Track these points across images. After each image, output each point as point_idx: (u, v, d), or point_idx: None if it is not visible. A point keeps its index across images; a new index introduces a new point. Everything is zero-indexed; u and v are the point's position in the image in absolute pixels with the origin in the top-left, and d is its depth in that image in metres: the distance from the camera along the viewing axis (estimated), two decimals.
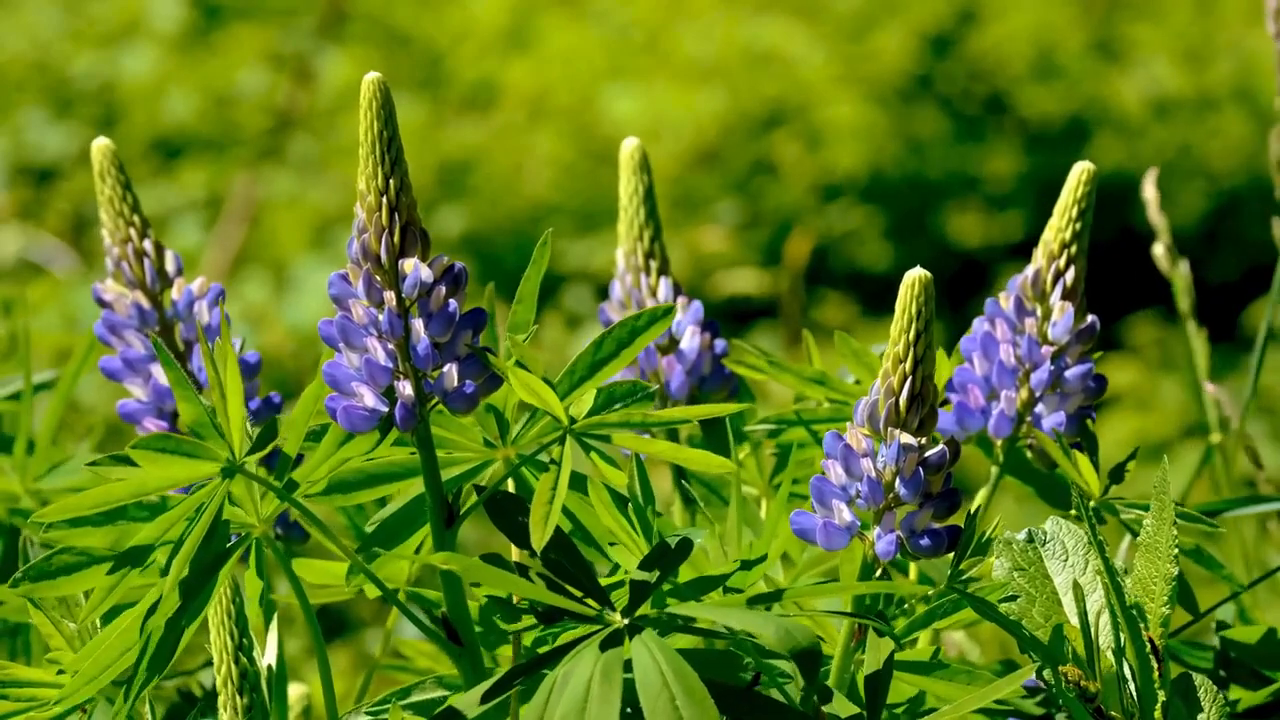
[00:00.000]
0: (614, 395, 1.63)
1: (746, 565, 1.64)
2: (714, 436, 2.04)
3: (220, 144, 6.42)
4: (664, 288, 2.10)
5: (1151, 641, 1.62)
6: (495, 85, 6.61)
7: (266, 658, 1.65)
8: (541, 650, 1.69)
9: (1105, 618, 1.67)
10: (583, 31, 6.68)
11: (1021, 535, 1.73)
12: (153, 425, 1.94)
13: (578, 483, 1.68)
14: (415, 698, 1.71)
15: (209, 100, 6.51)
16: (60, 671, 1.65)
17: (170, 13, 6.79)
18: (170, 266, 1.99)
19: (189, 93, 6.50)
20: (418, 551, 1.71)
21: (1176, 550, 1.65)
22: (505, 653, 1.76)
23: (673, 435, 2.08)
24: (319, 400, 1.61)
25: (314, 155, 6.35)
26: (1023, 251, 1.91)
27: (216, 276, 5.18)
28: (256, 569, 1.65)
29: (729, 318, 5.67)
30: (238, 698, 1.60)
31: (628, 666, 1.49)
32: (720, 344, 2.10)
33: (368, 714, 1.68)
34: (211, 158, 6.33)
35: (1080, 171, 1.87)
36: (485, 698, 1.53)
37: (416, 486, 1.68)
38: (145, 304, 1.98)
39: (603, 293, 2.15)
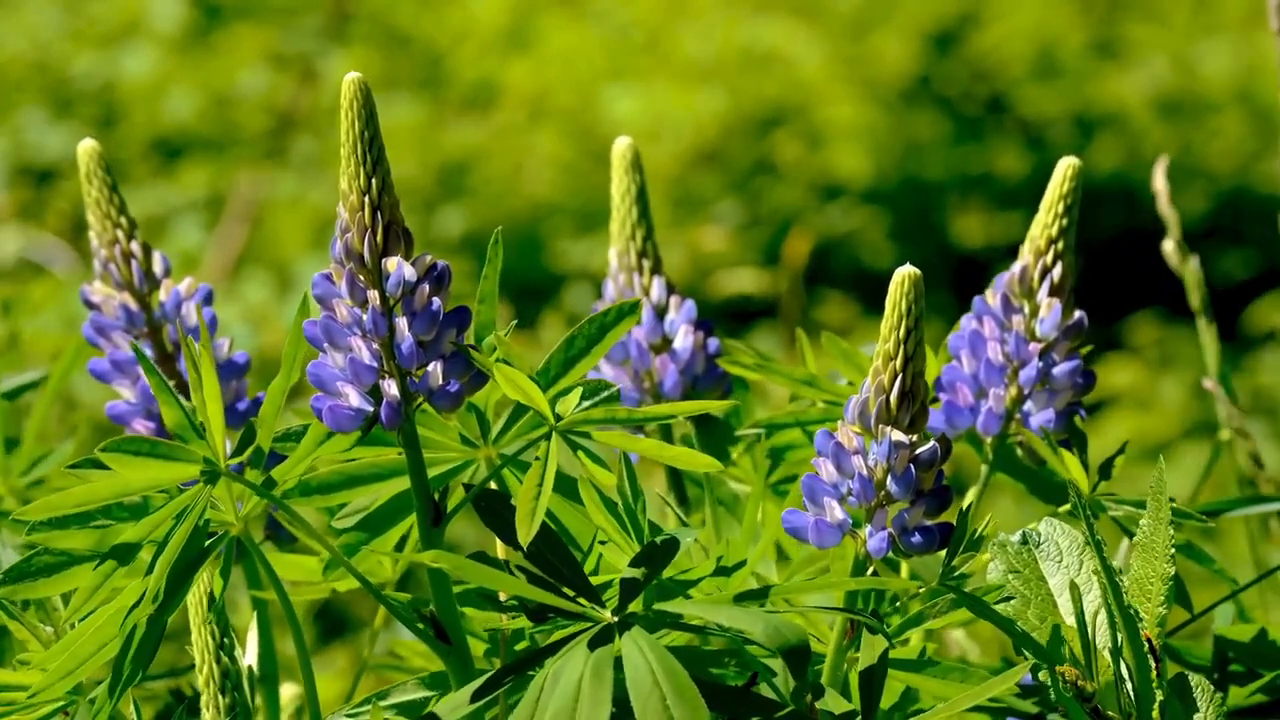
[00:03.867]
0: (581, 395, 1.62)
1: (723, 570, 1.63)
2: (709, 436, 2.03)
3: (221, 144, 6.42)
4: (657, 287, 2.09)
5: (1149, 641, 1.61)
6: (495, 85, 6.61)
7: (248, 657, 1.64)
8: (522, 649, 1.68)
9: (1102, 617, 1.66)
10: (583, 31, 6.68)
11: (1016, 537, 1.73)
12: (141, 427, 1.94)
13: (562, 484, 1.67)
14: (395, 699, 1.70)
15: (210, 100, 6.50)
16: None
17: (170, 13, 6.78)
18: (158, 268, 1.98)
19: (190, 93, 6.49)
20: (401, 549, 1.71)
21: (1173, 550, 1.65)
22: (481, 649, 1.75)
23: (667, 434, 2.08)
24: (284, 394, 1.60)
25: (316, 155, 6.34)
26: None
27: (217, 277, 5.18)
28: (224, 568, 1.64)
29: (729, 318, 5.66)
30: (219, 697, 1.60)
31: (618, 665, 1.48)
32: (714, 343, 2.09)
33: (348, 716, 1.67)
34: (212, 158, 6.32)
35: (1066, 167, 1.86)
36: (475, 696, 1.53)
37: (397, 487, 1.68)
38: (133, 305, 1.97)
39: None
